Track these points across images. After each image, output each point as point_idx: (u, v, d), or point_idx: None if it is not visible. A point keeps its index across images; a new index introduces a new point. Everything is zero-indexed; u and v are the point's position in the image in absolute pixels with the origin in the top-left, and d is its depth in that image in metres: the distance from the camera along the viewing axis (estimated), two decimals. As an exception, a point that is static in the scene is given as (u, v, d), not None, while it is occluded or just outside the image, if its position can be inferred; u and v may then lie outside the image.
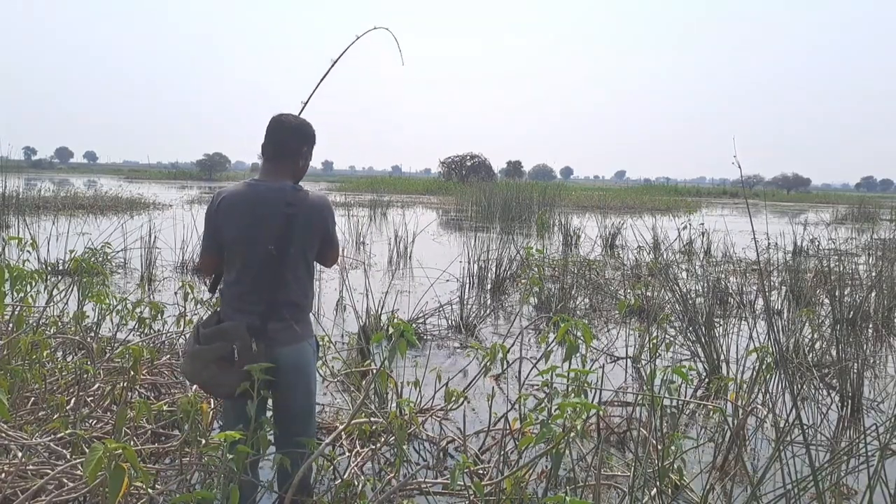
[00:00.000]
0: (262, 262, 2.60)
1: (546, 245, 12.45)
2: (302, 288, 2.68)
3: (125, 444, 2.09)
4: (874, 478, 2.38)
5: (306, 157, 2.78)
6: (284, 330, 2.61)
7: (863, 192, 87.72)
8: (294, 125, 2.74)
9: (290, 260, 2.62)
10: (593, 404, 2.60)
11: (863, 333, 6.52)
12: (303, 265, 2.67)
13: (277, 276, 2.60)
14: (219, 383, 2.57)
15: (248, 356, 2.52)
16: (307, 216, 2.63)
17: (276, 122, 2.73)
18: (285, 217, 2.59)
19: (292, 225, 2.60)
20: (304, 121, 2.78)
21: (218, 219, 2.66)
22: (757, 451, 4.04)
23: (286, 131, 2.72)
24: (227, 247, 2.67)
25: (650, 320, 6.09)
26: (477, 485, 2.75)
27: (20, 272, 3.72)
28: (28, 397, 3.69)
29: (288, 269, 2.62)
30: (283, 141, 2.71)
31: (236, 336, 2.54)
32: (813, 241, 11.95)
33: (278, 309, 2.61)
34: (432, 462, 3.75)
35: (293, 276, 2.64)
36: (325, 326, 6.33)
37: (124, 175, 58.64)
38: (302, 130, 2.75)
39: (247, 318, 2.60)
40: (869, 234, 18.85)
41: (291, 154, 2.72)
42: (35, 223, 9.97)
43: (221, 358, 2.53)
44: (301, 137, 2.74)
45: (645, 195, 39.78)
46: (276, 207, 2.60)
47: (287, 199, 2.61)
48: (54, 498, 2.70)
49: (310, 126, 2.79)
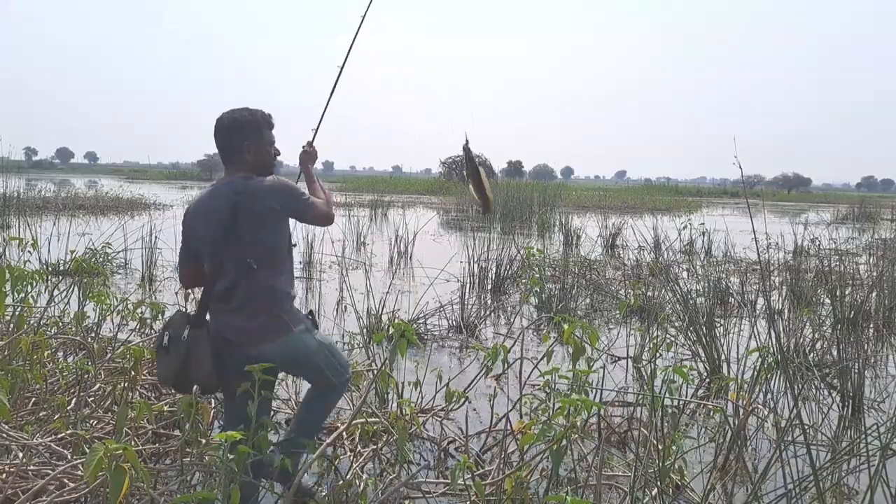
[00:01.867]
0: (223, 257, 2.67)
1: (546, 245, 12.46)
2: (271, 277, 2.67)
3: (126, 444, 2.09)
4: (875, 478, 2.38)
5: (255, 146, 2.75)
6: (262, 327, 2.65)
7: (864, 192, 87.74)
8: (226, 123, 2.74)
9: (253, 248, 2.65)
10: (594, 402, 2.60)
11: (864, 333, 6.52)
12: (272, 251, 2.69)
13: (238, 269, 2.65)
14: (159, 371, 2.74)
15: (177, 345, 2.62)
16: (256, 197, 2.65)
17: (215, 125, 2.77)
18: (232, 204, 2.64)
19: (238, 210, 2.64)
20: (239, 113, 2.75)
21: (186, 228, 2.77)
22: (758, 450, 4.04)
23: (220, 132, 2.75)
24: (200, 252, 2.75)
25: (651, 320, 6.08)
26: (477, 485, 2.75)
27: (21, 273, 3.73)
28: (29, 398, 3.69)
29: (248, 257, 2.64)
30: (221, 142, 2.75)
31: (172, 325, 2.67)
32: (814, 240, 11.93)
33: (250, 304, 2.65)
34: (433, 462, 3.75)
35: (264, 265, 2.66)
36: (325, 326, 6.33)
37: (125, 175, 58.66)
38: (236, 125, 2.73)
39: (224, 317, 2.68)
40: (870, 233, 18.84)
41: (234, 150, 2.74)
42: (36, 224, 9.96)
43: (159, 346, 2.68)
44: (236, 131, 2.73)
45: (645, 195, 39.74)
46: (226, 199, 2.66)
47: (236, 189, 2.66)
48: (55, 498, 2.70)
49: (245, 116, 2.75)
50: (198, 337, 2.63)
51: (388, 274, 9.96)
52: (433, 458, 3.79)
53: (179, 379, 2.66)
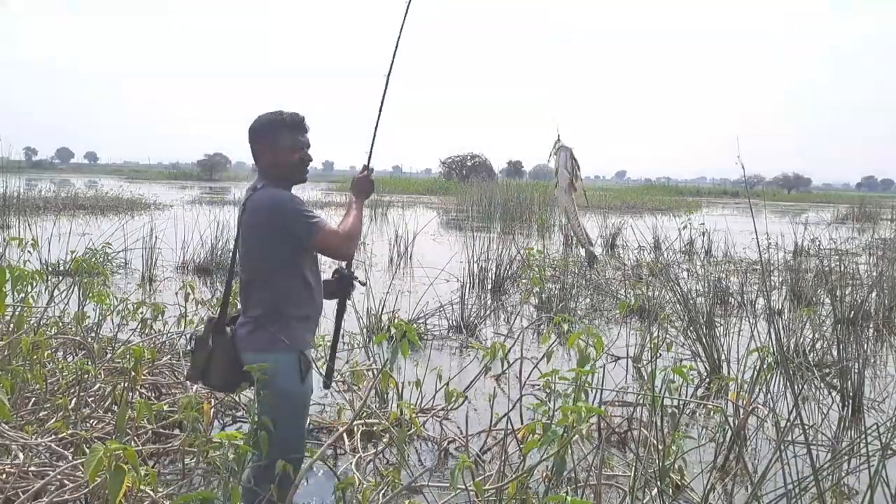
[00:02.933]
0: (235, 266, 2.72)
1: (546, 245, 12.45)
2: (267, 292, 2.60)
3: (126, 444, 2.09)
4: (875, 478, 2.38)
5: (263, 151, 2.69)
6: (249, 335, 2.62)
7: (864, 192, 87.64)
8: (249, 129, 2.74)
9: (247, 262, 2.66)
10: (596, 408, 2.60)
11: (863, 333, 6.52)
12: (264, 268, 2.61)
13: (243, 280, 2.68)
14: (186, 371, 2.90)
15: (200, 346, 2.66)
16: (250, 215, 2.62)
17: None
18: (239, 220, 2.68)
19: (241, 226, 2.66)
20: (261, 116, 2.72)
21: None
22: (758, 450, 4.04)
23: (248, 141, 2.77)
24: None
25: (651, 320, 6.09)
26: (477, 484, 2.75)
27: (21, 272, 3.72)
28: (29, 398, 3.70)
29: (247, 272, 2.66)
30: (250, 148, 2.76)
31: (203, 330, 2.71)
32: (814, 240, 11.93)
33: (246, 311, 2.66)
34: (433, 462, 3.76)
35: (258, 280, 2.63)
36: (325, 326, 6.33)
37: (125, 175, 58.56)
38: (251, 130, 2.72)
39: (241, 318, 2.70)
40: (870, 233, 18.84)
41: (253, 156, 2.74)
42: (36, 223, 9.97)
43: (191, 349, 2.75)
44: (251, 137, 2.72)
45: (645, 195, 39.71)
46: (240, 208, 2.71)
47: (244, 199, 2.69)
48: (55, 498, 2.70)
49: (263, 119, 2.70)
50: (218, 342, 2.63)
51: (388, 274, 9.96)
52: (433, 458, 3.80)
53: (203, 379, 2.70)
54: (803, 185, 78.11)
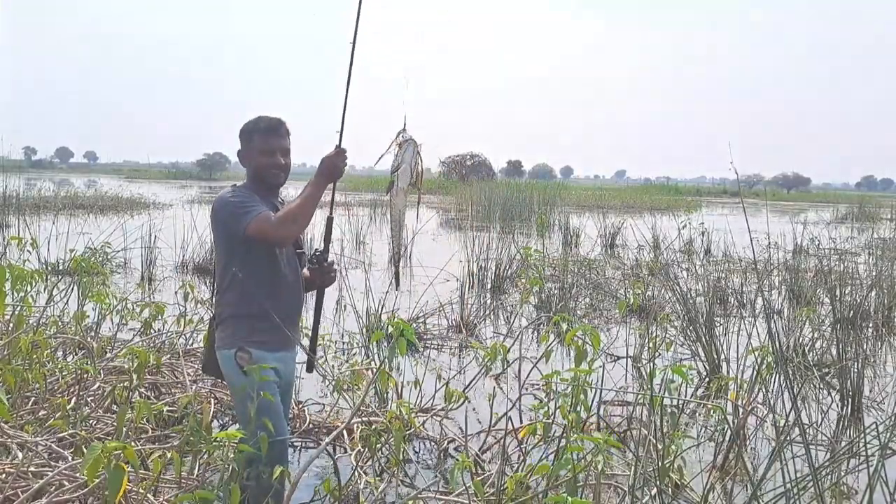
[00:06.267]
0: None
1: (546, 245, 12.45)
2: (229, 292, 2.71)
3: (125, 443, 2.09)
4: (874, 477, 2.38)
5: (241, 154, 2.80)
6: (216, 333, 2.76)
7: (863, 192, 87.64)
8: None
9: (217, 263, 2.78)
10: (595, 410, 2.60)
11: (863, 333, 6.52)
12: (224, 269, 2.71)
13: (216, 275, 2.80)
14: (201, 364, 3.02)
15: (211, 341, 2.79)
16: (212, 210, 2.75)
17: None
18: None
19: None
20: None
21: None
22: (757, 450, 4.05)
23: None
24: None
25: (650, 320, 6.09)
26: (476, 484, 2.75)
27: (20, 272, 3.72)
28: (28, 397, 3.69)
29: (218, 273, 2.76)
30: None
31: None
32: (813, 240, 11.94)
33: (216, 310, 2.79)
34: (433, 462, 3.76)
35: (223, 281, 2.73)
36: (325, 326, 6.33)
37: (124, 175, 58.56)
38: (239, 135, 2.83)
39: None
40: (869, 233, 18.85)
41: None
42: (35, 223, 9.96)
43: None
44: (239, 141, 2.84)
45: (645, 195, 39.69)
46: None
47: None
48: (54, 498, 2.70)
49: (244, 125, 2.80)
50: (213, 338, 2.78)
51: (388, 273, 9.96)
52: (433, 458, 3.80)
53: (204, 370, 2.90)
54: (802, 184, 78.10)
